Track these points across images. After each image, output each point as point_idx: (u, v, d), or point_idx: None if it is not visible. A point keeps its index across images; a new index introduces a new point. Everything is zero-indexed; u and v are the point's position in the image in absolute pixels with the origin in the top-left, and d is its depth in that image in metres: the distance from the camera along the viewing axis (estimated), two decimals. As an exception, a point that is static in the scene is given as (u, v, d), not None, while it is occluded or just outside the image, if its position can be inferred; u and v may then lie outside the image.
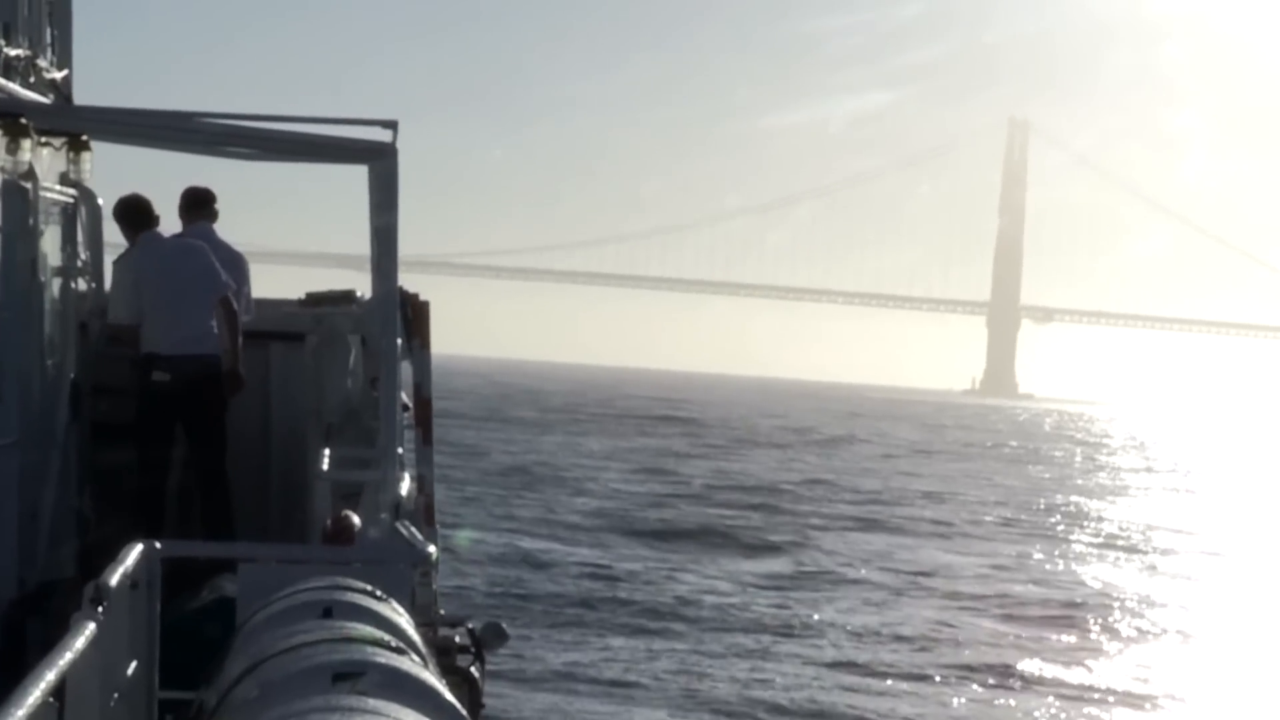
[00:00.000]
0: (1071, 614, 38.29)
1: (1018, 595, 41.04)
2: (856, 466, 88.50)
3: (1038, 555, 50.65)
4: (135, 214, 13.06)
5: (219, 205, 13.68)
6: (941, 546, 51.65)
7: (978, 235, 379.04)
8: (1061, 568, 48.01)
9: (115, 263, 13.06)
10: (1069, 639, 35.13)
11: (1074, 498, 75.75)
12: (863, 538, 52.46)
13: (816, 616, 35.72)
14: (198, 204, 13.53)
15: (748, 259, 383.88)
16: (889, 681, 29.64)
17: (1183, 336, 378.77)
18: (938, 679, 30.14)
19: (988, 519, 62.35)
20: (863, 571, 43.89)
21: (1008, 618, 37.29)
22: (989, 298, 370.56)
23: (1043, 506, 69.45)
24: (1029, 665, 31.86)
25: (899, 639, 33.59)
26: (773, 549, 47.43)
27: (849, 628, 34.55)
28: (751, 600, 37.69)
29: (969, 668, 31.22)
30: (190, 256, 12.93)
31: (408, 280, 12.52)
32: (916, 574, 44.00)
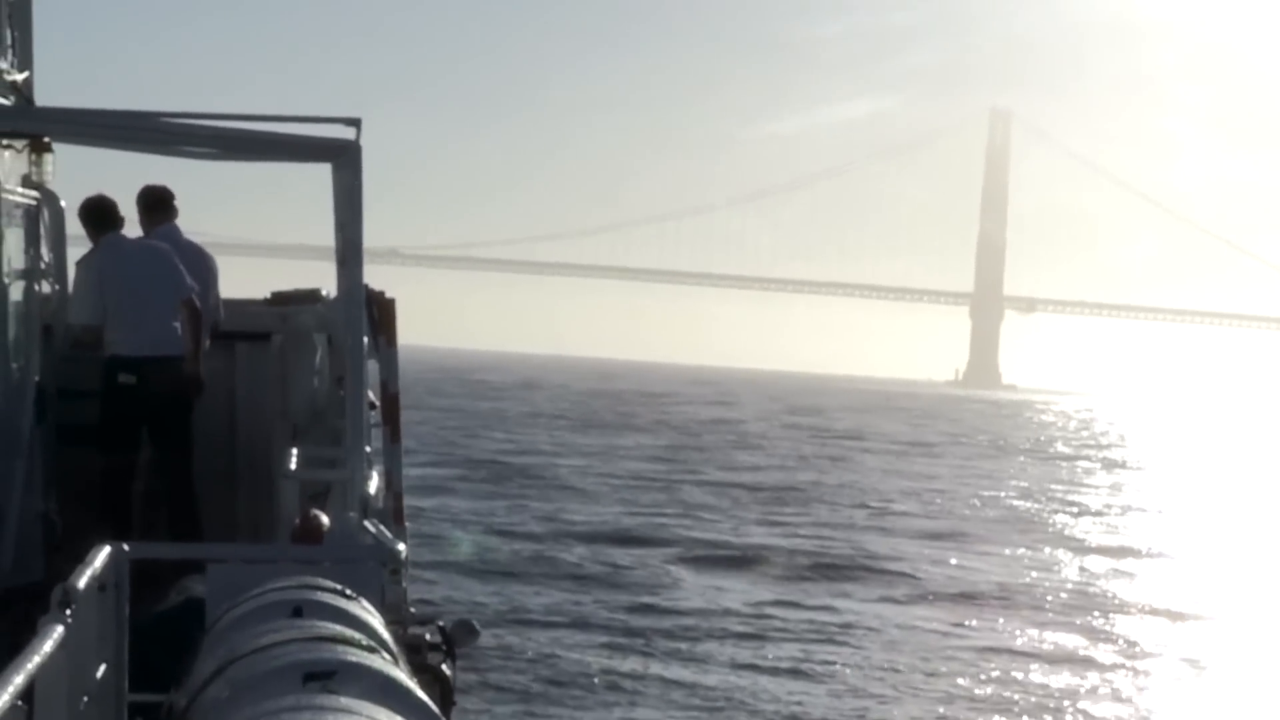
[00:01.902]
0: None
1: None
2: (866, 466, 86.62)
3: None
4: (100, 215, 13.04)
5: (187, 200, 13.69)
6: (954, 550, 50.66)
7: (961, 226, 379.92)
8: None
9: (78, 264, 13.04)
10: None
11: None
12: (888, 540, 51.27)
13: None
14: (160, 204, 13.49)
15: (730, 251, 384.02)
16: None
17: (1165, 326, 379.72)
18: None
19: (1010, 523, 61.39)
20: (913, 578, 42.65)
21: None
22: (972, 288, 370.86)
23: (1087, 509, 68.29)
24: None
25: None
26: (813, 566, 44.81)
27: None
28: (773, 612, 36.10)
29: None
30: (154, 258, 12.92)
31: (384, 272, 12.48)
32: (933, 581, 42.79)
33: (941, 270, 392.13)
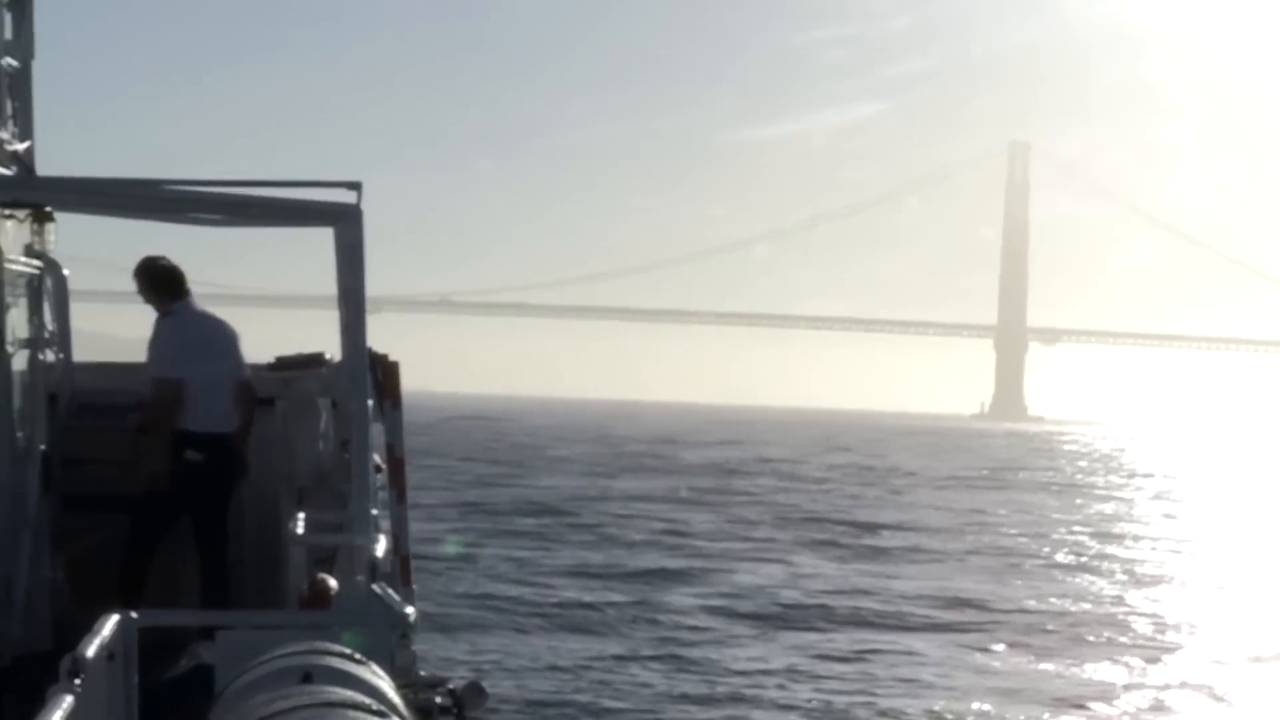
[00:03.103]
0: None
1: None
2: (917, 503, 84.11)
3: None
4: (173, 282, 13.13)
5: (189, 251, 13.80)
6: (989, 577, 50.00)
7: (982, 259, 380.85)
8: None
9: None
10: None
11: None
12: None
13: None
14: (181, 281, 13.45)
15: (753, 289, 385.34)
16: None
17: (1188, 353, 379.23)
18: None
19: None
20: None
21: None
22: (995, 321, 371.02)
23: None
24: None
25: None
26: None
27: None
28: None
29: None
30: (222, 335, 13.19)
31: (410, 320, 12.51)
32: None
33: (964, 303, 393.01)
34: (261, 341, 14.67)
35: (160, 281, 13.19)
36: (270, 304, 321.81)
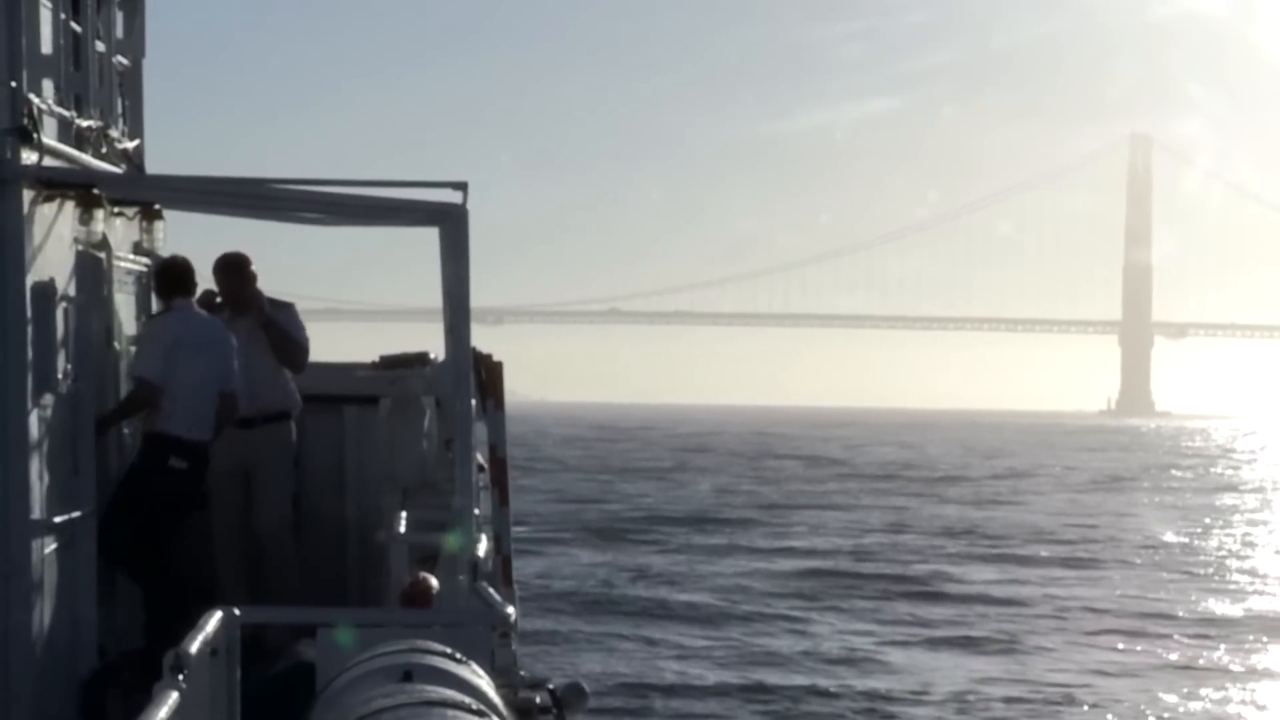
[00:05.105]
0: None
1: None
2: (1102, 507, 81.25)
3: None
4: (184, 277, 12.43)
5: (296, 264, 13.68)
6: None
7: (1105, 254, 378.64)
8: None
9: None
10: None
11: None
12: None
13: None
14: (191, 277, 12.60)
15: (872, 291, 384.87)
16: None
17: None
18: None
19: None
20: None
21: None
22: (1120, 316, 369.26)
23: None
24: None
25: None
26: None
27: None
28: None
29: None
30: (217, 341, 12.40)
31: (528, 330, 12.43)
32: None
33: (1088, 299, 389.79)
34: (366, 349, 14.56)
35: (175, 276, 12.35)
36: (374, 317, 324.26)
